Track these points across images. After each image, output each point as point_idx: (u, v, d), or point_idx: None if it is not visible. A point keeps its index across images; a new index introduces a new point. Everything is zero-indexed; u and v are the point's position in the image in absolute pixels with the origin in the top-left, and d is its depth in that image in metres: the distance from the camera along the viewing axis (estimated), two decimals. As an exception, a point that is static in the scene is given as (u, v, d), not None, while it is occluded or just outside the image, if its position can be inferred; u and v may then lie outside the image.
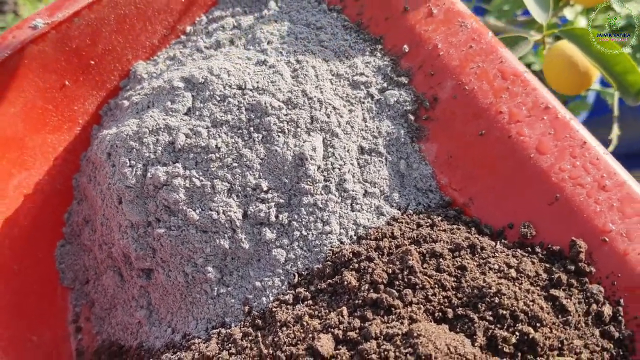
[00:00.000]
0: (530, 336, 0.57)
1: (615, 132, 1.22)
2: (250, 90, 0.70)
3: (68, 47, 0.76)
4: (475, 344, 0.57)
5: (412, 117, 0.73)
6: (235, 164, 0.68)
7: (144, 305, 0.73)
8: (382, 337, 0.57)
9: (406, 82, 0.75)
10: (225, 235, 0.67)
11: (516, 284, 0.61)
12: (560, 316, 0.60)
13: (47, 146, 0.79)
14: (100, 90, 0.81)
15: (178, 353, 0.67)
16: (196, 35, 0.82)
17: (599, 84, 1.45)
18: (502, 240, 0.67)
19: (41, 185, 0.79)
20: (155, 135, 0.68)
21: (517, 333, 0.57)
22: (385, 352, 0.55)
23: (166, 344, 0.70)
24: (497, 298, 0.59)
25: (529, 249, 0.65)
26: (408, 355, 0.54)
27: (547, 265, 0.64)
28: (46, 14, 0.74)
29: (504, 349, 0.57)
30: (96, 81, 0.80)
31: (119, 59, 0.81)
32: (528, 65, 1.40)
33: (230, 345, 0.64)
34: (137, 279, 0.73)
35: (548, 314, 0.59)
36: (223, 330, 0.66)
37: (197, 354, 0.65)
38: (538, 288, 0.62)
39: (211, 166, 0.67)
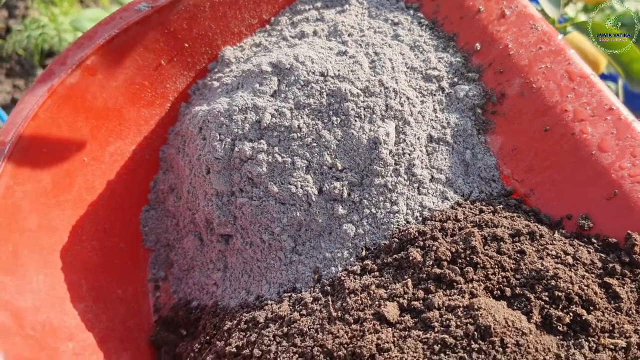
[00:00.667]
0: (584, 317, 0.62)
1: (620, 93, 1.28)
2: (332, 77, 0.76)
3: (167, 29, 0.83)
4: (531, 321, 0.62)
5: (479, 111, 0.78)
6: (314, 144, 0.74)
7: (221, 268, 0.80)
8: (444, 308, 0.63)
9: (476, 77, 0.79)
10: (302, 208, 0.73)
11: (572, 269, 0.66)
12: (612, 302, 0.64)
13: (141, 119, 0.86)
14: (191, 71, 0.88)
15: (252, 312, 0.73)
16: (280, 25, 0.89)
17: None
18: (560, 230, 0.71)
19: (133, 154, 0.86)
20: (243, 114, 0.75)
21: (571, 314, 0.62)
22: (447, 321, 0.61)
23: (240, 303, 0.77)
24: (553, 281, 0.64)
25: (586, 239, 0.70)
26: (469, 325, 0.60)
27: (603, 255, 0.68)
28: (150, -1, 0.82)
29: (558, 327, 0.61)
30: (188, 62, 0.87)
31: (209, 43, 0.88)
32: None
33: (301, 307, 0.70)
34: (217, 244, 0.80)
35: (601, 298, 0.63)
36: (294, 295, 0.72)
37: (270, 313, 0.71)
38: (593, 275, 0.66)
39: (292, 144, 0.74)
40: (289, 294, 0.73)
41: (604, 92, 0.74)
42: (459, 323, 0.60)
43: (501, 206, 0.74)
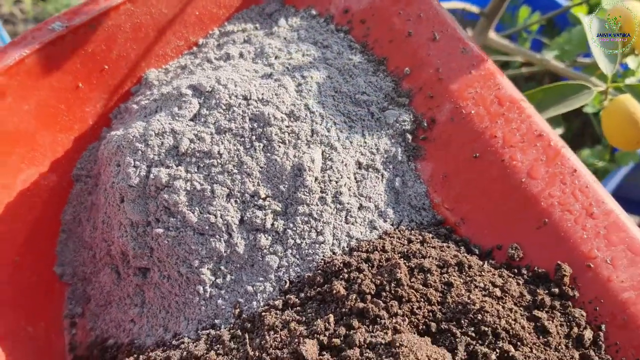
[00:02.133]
0: (510, 354, 0.59)
1: None
2: (255, 100, 0.72)
3: (84, 50, 0.79)
4: (456, 358, 0.58)
5: (409, 137, 0.76)
6: (236, 171, 0.70)
7: (138, 304, 0.75)
8: (365, 345, 0.59)
9: (406, 102, 0.77)
10: (222, 238, 0.69)
11: (500, 302, 0.63)
12: (541, 337, 0.61)
13: (57, 144, 0.81)
14: (112, 94, 0.84)
15: (167, 351, 0.68)
16: (207, 47, 0.85)
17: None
18: (490, 261, 0.68)
19: (48, 182, 0.81)
20: (160, 138, 0.71)
21: (497, 350, 0.59)
22: (367, 360, 0.57)
23: (157, 342, 0.72)
24: (480, 315, 0.61)
25: (516, 270, 0.67)
26: (389, 364, 0.56)
27: (532, 286, 0.65)
28: (66, 18, 0.77)
29: (484, 364, 0.58)
30: (109, 85, 0.83)
31: (132, 65, 0.84)
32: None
33: (218, 346, 0.65)
34: (134, 277, 0.74)
35: (529, 333, 0.61)
36: (213, 332, 0.68)
37: (185, 352, 0.66)
38: (521, 308, 0.63)
39: (212, 171, 0.70)
40: (208, 331, 0.68)
41: (534, 117, 0.72)
42: (379, 362, 0.57)
43: (431, 235, 0.71)
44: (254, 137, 0.71)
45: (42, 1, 1.84)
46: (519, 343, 0.60)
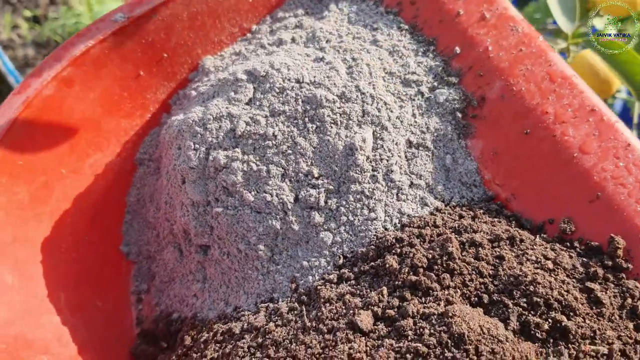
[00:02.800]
0: (563, 324, 0.59)
1: (636, 115, 1.22)
2: (308, 83, 0.75)
3: (144, 40, 0.83)
4: (509, 328, 0.60)
5: (459, 115, 0.77)
6: (290, 151, 0.72)
7: (200, 279, 0.79)
8: (418, 316, 0.61)
9: (456, 81, 0.78)
10: (278, 216, 0.72)
11: (552, 274, 0.63)
12: (594, 307, 0.61)
13: (120, 130, 0.86)
14: (171, 81, 0.88)
15: (229, 323, 0.72)
16: (261, 33, 0.88)
17: (626, 93, 1.44)
18: (542, 235, 0.69)
19: (112, 166, 0.86)
20: (218, 122, 0.74)
21: (549, 320, 0.60)
22: (421, 329, 0.59)
23: (218, 315, 0.75)
24: (532, 286, 0.61)
25: (568, 243, 0.67)
26: (442, 332, 0.58)
27: (585, 259, 0.65)
28: (127, 9, 0.81)
29: (537, 334, 0.59)
30: (168, 72, 0.87)
31: (189, 52, 0.87)
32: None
33: (277, 317, 0.68)
34: (195, 255, 0.78)
35: (582, 304, 0.61)
36: (271, 305, 0.71)
37: (246, 324, 0.70)
38: (574, 280, 0.64)
39: (267, 152, 0.73)
40: (266, 304, 0.72)
41: (586, 93, 0.72)
42: (432, 331, 0.58)
43: (482, 211, 0.72)
44: (306, 119, 0.73)
45: (38, 25, 1.92)
46: (571, 313, 0.60)
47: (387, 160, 0.73)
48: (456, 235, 0.68)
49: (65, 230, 0.81)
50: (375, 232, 0.71)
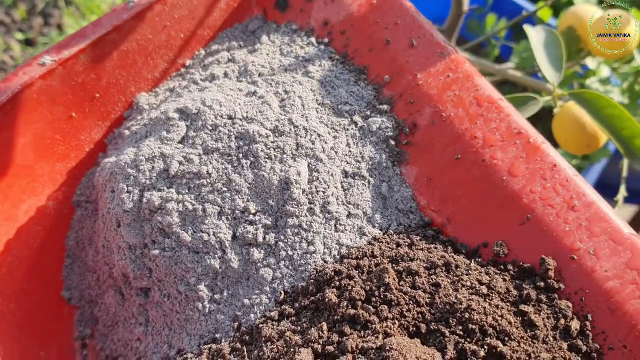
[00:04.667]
0: (499, 349, 0.60)
1: (625, 168, 1.21)
2: (240, 119, 0.75)
3: (74, 81, 0.81)
4: (446, 357, 0.60)
5: (393, 143, 0.78)
6: (225, 189, 0.72)
7: (143, 322, 0.78)
8: (357, 350, 0.61)
9: (388, 109, 0.79)
10: (216, 255, 0.71)
11: (487, 300, 0.64)
12: (528, 330, 0.63)
13: (55, 173, 0.84)
14: (106, 120, 0.87)
15: (172, 367, 0.71)
16: (194, 68, 0.88)
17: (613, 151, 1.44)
18: (477, 259, 0.70)
19: (49, 210, 0.84)
20: (151, 163, 0.73)
21: (485, 346, 0.61)
22: (359, 365, 0.59)
23: (162, 358, 0.74)
24: (467, 313, 0.62)
25: (502, 266, 0.69)
26: (380, 367, 0.58)
27: (518, 282, 0.67)
28: (54, 52, 0.80)
29: (473, 361, 0.60)
30: (101, 112, 0.86)
31: (122, 91, 0.86)
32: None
33: (219, 359, 0.68)
34: (136, 297, 0.77)
35: (517, 328, 0.62)
36: (214, 346, 0.70)
37: (188, 367, 0.69)
38: (508, 304, 0.65)
39: (202, 191, 0.72)
40: (209, 345, 0.71)
41: (512, 115, 0.73)
42: (370, 366, 0.59)
43: (418, 238, 0.73)
44: (240, 155, 0.73)
45: (30, 47, 1.90)
46: (506, 338, 0.61)
47: (324, 192, 0.73)
48: (393, 265, 0.69)
49: (3, 281, 0.79)
50: (315, 265, 0.71)
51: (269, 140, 0.74)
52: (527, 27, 0.93)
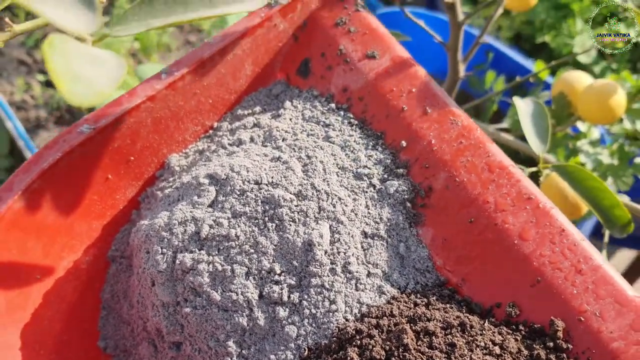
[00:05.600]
0: (511, 410, 0.64)
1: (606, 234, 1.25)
2: (266, 184, 0.80)
3: (111, 147, 0.87)
4: (461, 417, 0.64)
5: (409, 205, 0.82)
6: (252, 250, 0.77)
7: (174, 375, 0.83)
8: (378, 408, 0.65)
9: (404, 173, 0.84)
10: (244, 313, 0.76)
11: (499, 360, 0.68)
12: (539, 391, 0.66)
13: (92, 231, 0.90)
14: (139, 180, 0.93)
15: (202, 420, 0.76)
16: (221, 130, 0.94)
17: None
18: (490, 319, 0.74)
19: (86, 265, 0.89)
20: (183, 226, 0.79)
21: (499, 407, 0.65)
22: None
23: (193, 410, 0.79)
24: (481, 374, 0.66)
25: (514, 326, 0.73)
26: None
27: (529, 342, 0.71)
28: (92, 120, 0.86)
29: (487, 421, 0.64)
30: (135, 173, 0.92)
31: (155, 153, 0.92)
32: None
33: (247, 413, 0.72)
34: (169, 351, 0.82)
35: (528, 388, 0.66)
36: (242, 400, 0.75)
37: (218, 421, 0.73)
38: (519, 364, 0.69)
39: (231, 252, 0.77)
40: (238, 398, 0.75)
41: (523, 181, 0.78)
42: None
43: (435, 297, 0.77)
44: (266, 218, 0.78)
45: (51, 88, 1.98)
46: (518, 399, 0.65)
47: (345, 253, 0.78)
48: (411, 325, 0.73)
49: (44, 333, 0.85)
50: (337, 323, 0.75)
51: (293, 204, 0.79)
52: (516, 99, 0.99)
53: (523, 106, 0.99)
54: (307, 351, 0.75)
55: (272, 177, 0.81)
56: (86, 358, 0.89)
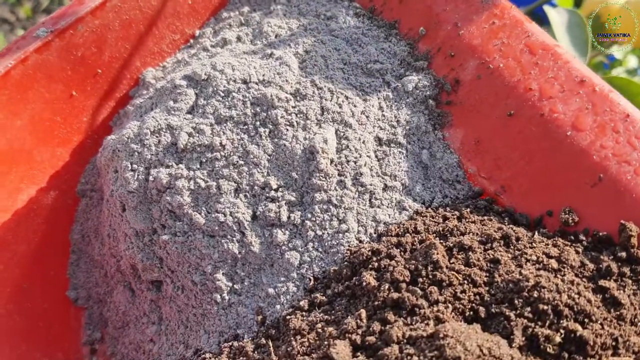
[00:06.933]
0: (578, 334, 0.49)
1: None
2: (256, 83, 0.65)
3: (73, 55, 0.73)
4: (513, 345, 0.49)
5: (433, 103, 0.68)
6: (242, 162, 0.63)
7: (155, 321, 0.69)
8: (404, 340, 0.50)
9: (425, 66, 0.69)
10: (234, 238, 0.62)
11: (558, 275, 0.53)
12: (612, 310, 0.51)
13: (57, 159, 0.76)
14: (110, 100, 0.79)
15: (188, 370, 0.62)
16: (204, 37, 0.79)
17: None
18: (541, 230, 0.59)
19: (51, 200, 0.76)
20: (156, 136, 0.65)
21: (561, 331, 0.50)
22: (409, 357, 0.48)
23: (177, 360, 0.65)
24: (536, 292, 0.51)
25: (572, 237, 0.58)
26: (434, 359, 0.47)
27: (594, 253, 0.56)
28: (50, 23, 0.72)
29: (547, 349, 0.49)
30: (104, 90, 0.78)
31: (127, 66, 0.78)
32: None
33: (242, 358, 0.58)
34: (147, 293, 0.68)
35: (597, 307, 0.51)
36: (235, 343, 0.61)
37: (206, 369, 0.59)
38: (584, 279, 0.54)
39: (216, 165, 0.63)
40: (230, 343, 0.61)
41: (572, 63, 0.63)
42: (422, 358, 0.48)
43: (469, 210, 0.62)
44: (257, 123, 0.64)
45: None
46: (586, 320, 0.50)
47: (355, 162, 0.63)
48: (441, 241, 0.58)
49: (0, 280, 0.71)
50: (348, 245, 0.61)
51: (290, 104, 0.64)
52: (547, 8, 0.86)
53: (556, 16, 0.85)
54: (312, 281, 0.61)
55: (263, 75, 0.66)
56: (53, 310, 0.75)
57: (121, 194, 0.65)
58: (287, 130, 0.63)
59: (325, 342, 0.53)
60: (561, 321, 0.50)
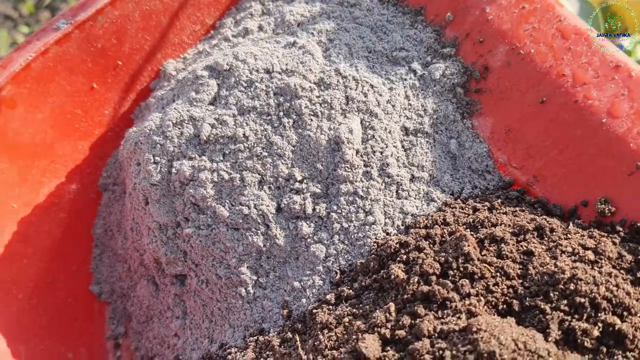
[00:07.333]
0: (617, 327, 0.48)
1: None
2: (279, 72, 0.64)
3: (93, 47, 0.73)
4: (549, 339, 0.48)
5: (461, 91, 0.66)
6: (265, 153, 0.62)
7: (180, 315, 0.68)
8: (435, 334, 0.49)
9: (452, 53, 0.67)
10: (258, 231, 0.61)
11: (595, 267, 0.52)
12: (652, 303, 0.49)
13: (78, 153, 0.76)
14: (131, 92, 0.78)
15: (213, 364, 0.61)
16: (225, 27, 0.78)
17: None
18: (576, 220, 0.57)
19: (73, 194, 0.75)
20: (179, 128, 0.63)
21: (599, 324, 0.48)
22: (440, 352, 0.47)
23: (202, 355, 0.64)
24: (572, 284, 0.50)
25: (609, 228, 0.56)
26: (467, 353, 0.46)
27: (632, 244, 0.54)
28: (69, 14, 0.71)
29: (585, 343, 0.47)
30: (126, 83, 0.77)
31: (148, 58, 0.77)
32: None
33: (268, 353, 0.57)
34: (171, 287, 0.67)
35: (637, 300, 0.49)
36: (261, 337, 0.60)
37: (232, 364, 0.58)
38: (622, 271, 0.52)
39: (239, 157, 0.62)
40: (256, 337, 0.60)
41: (607, 48, 0.60)
42: (454, 352, 0.47)
43: (499, 201, 0.60)
44: (281, 114, 0.63)
45: None
46: (625, 313, 0.48)
47: (381, 152, 0.62)
48: (472, 232, 0.56)
49: (23, 275, 0.71)
50: (375, 238, 0.60)
51: (314, 94, 0.63)
52: None
53: (568, 6, 0.83)
54: (339, 274, 0.60)
55: (286, 64, 0.65)
56: (77, 305, 0.75)
57: (144, 187, 0.64)
58: (312, 120, 0.62)
59: (354, 336, 0.52)
60: (599, 314, 0.48)
